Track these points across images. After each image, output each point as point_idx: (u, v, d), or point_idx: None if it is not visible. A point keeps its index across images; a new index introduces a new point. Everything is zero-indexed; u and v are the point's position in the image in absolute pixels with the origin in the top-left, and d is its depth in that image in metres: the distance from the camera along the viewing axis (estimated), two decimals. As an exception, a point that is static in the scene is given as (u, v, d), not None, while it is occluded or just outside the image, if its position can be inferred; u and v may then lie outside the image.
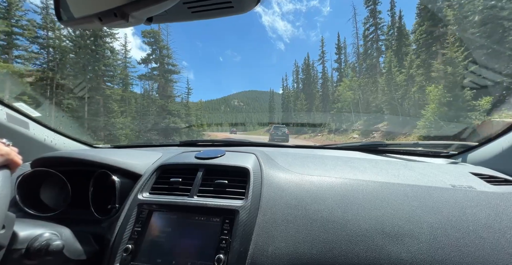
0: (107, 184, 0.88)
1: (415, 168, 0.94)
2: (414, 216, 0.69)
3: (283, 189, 0.80)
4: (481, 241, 0.62)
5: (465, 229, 0.65)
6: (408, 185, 0.80)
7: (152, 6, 0.33)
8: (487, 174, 0.91)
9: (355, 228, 0.68)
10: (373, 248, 0.64)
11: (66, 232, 0.70)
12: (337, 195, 0.77)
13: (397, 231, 0.66)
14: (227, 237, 0.69)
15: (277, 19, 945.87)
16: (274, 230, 0.70)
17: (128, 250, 0.70)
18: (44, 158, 0.94)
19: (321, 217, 0.71)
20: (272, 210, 0.74)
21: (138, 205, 0.80)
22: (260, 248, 0.66)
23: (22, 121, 1.09)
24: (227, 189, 0.82)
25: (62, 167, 0.95)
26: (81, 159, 0.93)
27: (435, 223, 0.67)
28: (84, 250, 0.71)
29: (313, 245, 0.66)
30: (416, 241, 0.64)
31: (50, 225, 0.68)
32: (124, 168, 0.93)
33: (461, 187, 0.79)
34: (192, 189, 0.83)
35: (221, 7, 0.41)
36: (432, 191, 0.77)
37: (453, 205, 0.72)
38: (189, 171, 0.90)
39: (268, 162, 0.94)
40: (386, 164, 0.98)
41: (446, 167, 0.99)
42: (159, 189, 0.87)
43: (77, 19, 0.40)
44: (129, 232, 0.75)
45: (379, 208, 0.72)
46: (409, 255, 0.61)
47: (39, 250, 0.58)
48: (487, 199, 0.74)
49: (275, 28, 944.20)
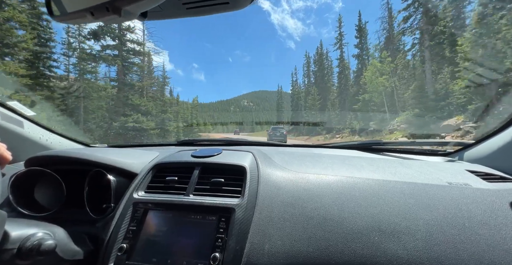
0: (103, 183, 0.87)
1: (412, 165, 0.95)
2: (410, 213, 0.69)
3: (280, 187, 0.80)
4: (476, 238, 0.63)
5: (461, 226, 0.66)
6: (404, 182, 0.80)
7: (145, 0, 0.33)
8: (483, 171, 0.91)
9: (351, 226, 0.68)
10: (370, 245, 0.64)
11: (60, 231, 0.69)
12: (333, 192, 0.77)
13: (394, 228, 0.66)
14: (223, 236, 0.69)
15: (287, 17, 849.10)
16: (271, 228, 0.69)
17: (122, 249, 0.70)
18: (38, 157, 0.93)
19: (318, 214, 0.71)
20: (269, 208, 0.74)
21: (133, 204, 0.80)
22: (256, 246, 0.66)
23: (16, 120, 1.09)
24: (224, 187, 0.82)
25: (57, 166, 0.94)
26: (76, 158, 0.92)
27: (431, 220, 0.67)
28: (78, 250, 0.70)
29: (310, 242, 0.66)
30: (412, 238, 0.64)
31: (43, 225, 0.67)
32: (119, 167, 0.92)
33: (457, 184, 0.80)
34: (188, 188, 0.82)
35: (216, 3, 0.41)
36: (428, 188, 0.77)
37: (449, 202, 0.72)
38: (186, 170, 0.90)
39: (265, 160, 0.94)
40: (383, 162, 0.98)
41: (443, 165, 0.99)
42: (154, 187, 0.86)
43: (69, 14, 0.39)
44: (124, 231, 0.75)
45: (376, 206, 0.72)
46: (405, 252, 0.62)
47: (31, 250, 0.58)
48: (483, 196, 0.74)
49: (285, 26, 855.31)
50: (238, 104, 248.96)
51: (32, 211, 0.83)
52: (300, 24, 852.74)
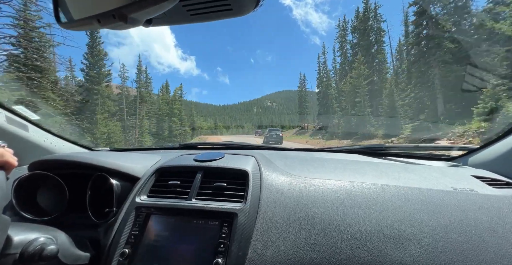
0: (105, 187, 0.87)
1: (416, 170, 0.93)
2: (415, 219, 0.68)
3: (283, 192, 0.79)
4: (484, 246, 0.61)
5: (468, 233, 0.64)
6: (409, 187, 0.79)
7: (150, 8, 0.34)
8: (489, 176, 0.90)
9: (355, 231, 0.67)
10: (374, 252, 0.63)
11: (62, 236, 0.69)
12: (337, 197, 0.76)
13: (399, 235, 0.65)
14: (226, 241, 0.68)
15: (311, 11, 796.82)
16: (274, 233, 0.69)
17: (124, 254, 0.69)
18: (41, 161, 0.93)
19: (321, 220, 0.70)
20: (272, 213, 0.73)
21: (135, 208, 0.80)
22: (259, 252, 0.65)
23: (21, 124, 1.10)
24: (226, 191, 0.82)
25: (60, 170, 0.93)
26: (78, 162, 0.92)
27: (437, 227, 0.66)
28: (80, 255, 0.70)
29: (314, 248, 0.65)
30: (418, 245, 0.63)
31: (45, 229, 0.67)
32: (122, 171, 0.92)
33: (462, 190, 0.78)
34: (190, 192, 0.82)
35: (220, 10, 0.42)
36: (433, 194, 0.76)
37: (455, 208, 0.71)
38: (188, 174, 0.90)
39: (268, 165, 0.94)
40: (386, 167, 0.97)
41: (447, 170, 0.98)
42: (157, 191, 0.86)
43: (76, 21, 0.40)
44: (126, 236, 0.74)
45: (380, 211, 0.71)
46: (411, 259, 0.60)
47: (33, 255, 0.57)
48: (490, 202, 0.73)
49: (309, 21, 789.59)
50: (260, 105, 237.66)
51: (34, 215, 0.83)
52: (325, 18, 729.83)
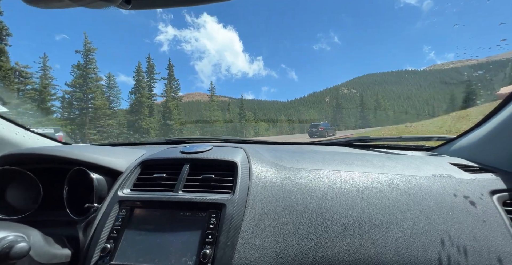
0: (85, 183, 0.82)
1: (399, 159, 0.98)
2: (398, 204, 0.71)
3: (272, 182, 0.80)
4: (459, 226, 0.66)
5: (445, 214, 0.68)
6: (392, 174, 0.83)
7: None
8: (464, 163, 0.96)
9: (343, 218, 0.69)
10: (360, 236, 0.65)
11: (35, 234, 0.65)
12: (325, 186, 0.78)
13: (383, 219, 0.68)
14: (214, 232, 0.67)
15: None
16: (262, 223, 0.69)
17: (106, 249, 0.66)
18: (11, 155, 0.86)
19: (310, 208, 0.71)
20: (260, 203, 0.73)
21: (118, 202, 0.77)
22: (247, 241, 0.65)
23: None
24: (214, 183, 0.80)
25: (33, 165, 0.88)
26: (53, 155, 0.86)
27: (417, 210, 0.70)
28: (56, 253, 0.66)
29: (302, 236, 0.66)
30: (400, 228, 0.66)
31: (16, 227, 0.63)
32: (103, 165, 0.88)
33: (441, 176, 0.83)
34: (177, 184, 0.80)
35: None
36: (414, 180, 0.80)
37: (434, 193, 0.75)
38: (174, 167, 0.87)
39: (256, 156, 0.93)
40: (371, 157, 1.00)
41: (427, 159, 1.03)
42: (141, 185, 0.83)
43: None
44: (107, 231, 0.71)
45: (366, 198, 0.74)
46: (394, 241, 0.64)
47: (0, 254, 0.54)
48: (465, 186, 0.78)
49: None
50: (335, 94, 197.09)
51: (4, 213, 0.78)
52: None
